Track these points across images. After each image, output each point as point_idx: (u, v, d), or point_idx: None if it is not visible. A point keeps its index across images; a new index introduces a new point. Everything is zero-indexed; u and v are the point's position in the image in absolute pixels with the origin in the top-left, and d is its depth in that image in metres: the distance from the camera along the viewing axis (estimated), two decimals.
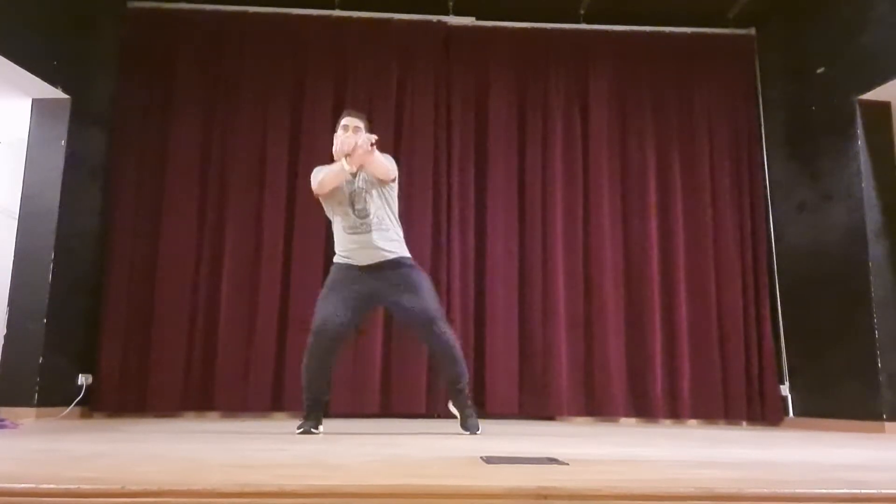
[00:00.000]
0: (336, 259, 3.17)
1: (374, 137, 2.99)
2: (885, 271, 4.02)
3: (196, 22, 4.73)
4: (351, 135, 3.07)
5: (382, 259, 3.08)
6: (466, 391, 3.20)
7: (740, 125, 4.86)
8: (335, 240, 3.19)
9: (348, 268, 3.11)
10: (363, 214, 3.08)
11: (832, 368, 4.16)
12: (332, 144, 3.12)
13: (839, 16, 4.28)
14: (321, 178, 3.08)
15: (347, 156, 3.00)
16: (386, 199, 3.16)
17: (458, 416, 3.17)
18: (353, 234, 3.09)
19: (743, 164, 4.81)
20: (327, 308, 3.03)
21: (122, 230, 4.43)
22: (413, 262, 3.19)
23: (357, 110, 3.36)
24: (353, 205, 3.09)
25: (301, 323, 4.35)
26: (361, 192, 3.10)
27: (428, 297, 3.11)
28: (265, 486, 1.29)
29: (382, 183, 3.13)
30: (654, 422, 4.46)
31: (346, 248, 3.13)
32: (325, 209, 3.23)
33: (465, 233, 4.59)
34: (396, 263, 3.11)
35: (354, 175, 3.10)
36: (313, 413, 3.04)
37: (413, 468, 1.69)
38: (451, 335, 3.14)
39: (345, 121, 3.18)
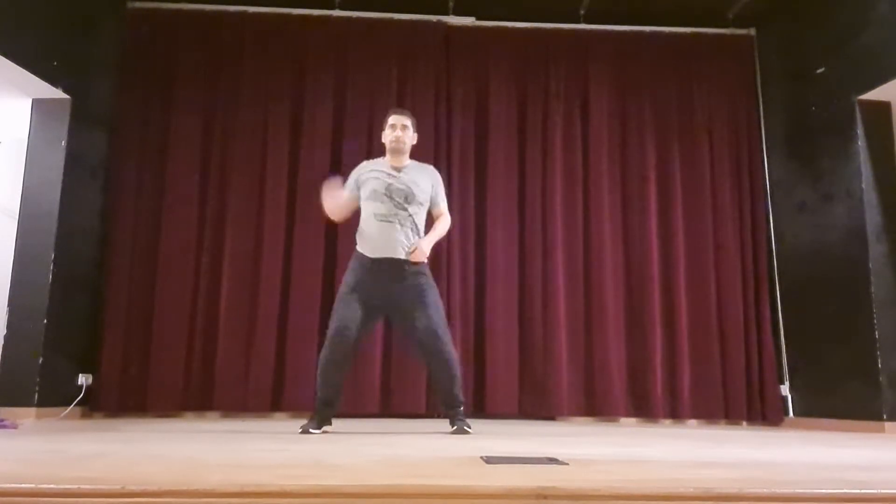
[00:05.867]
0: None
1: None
2: (886, 271, 4.02)
3: (196, 22, 4.73)
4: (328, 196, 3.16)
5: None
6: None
7: (740, 125, 4.86)
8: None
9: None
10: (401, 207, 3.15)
11: (832, 368, 4.16)
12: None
13: (839, 16, 4.28)
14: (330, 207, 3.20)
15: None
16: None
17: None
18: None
19: (743, 165, 4.81)
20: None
21: (122, 230, 4.43)
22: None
23: (402, 108, 3.59)
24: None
25: (301, 323, 4.39)
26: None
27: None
28: (265, 486, 1.29)
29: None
30: (654, 422, 4.45)
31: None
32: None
33: (465, 233, 4.59)
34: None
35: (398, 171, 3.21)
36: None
37: (413, 468, 1.69)
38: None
39: (392, 119, 3.28)
